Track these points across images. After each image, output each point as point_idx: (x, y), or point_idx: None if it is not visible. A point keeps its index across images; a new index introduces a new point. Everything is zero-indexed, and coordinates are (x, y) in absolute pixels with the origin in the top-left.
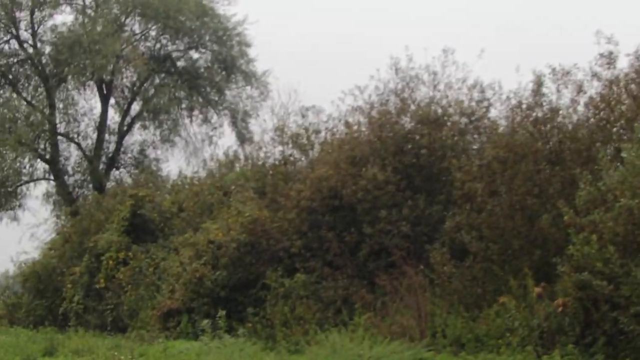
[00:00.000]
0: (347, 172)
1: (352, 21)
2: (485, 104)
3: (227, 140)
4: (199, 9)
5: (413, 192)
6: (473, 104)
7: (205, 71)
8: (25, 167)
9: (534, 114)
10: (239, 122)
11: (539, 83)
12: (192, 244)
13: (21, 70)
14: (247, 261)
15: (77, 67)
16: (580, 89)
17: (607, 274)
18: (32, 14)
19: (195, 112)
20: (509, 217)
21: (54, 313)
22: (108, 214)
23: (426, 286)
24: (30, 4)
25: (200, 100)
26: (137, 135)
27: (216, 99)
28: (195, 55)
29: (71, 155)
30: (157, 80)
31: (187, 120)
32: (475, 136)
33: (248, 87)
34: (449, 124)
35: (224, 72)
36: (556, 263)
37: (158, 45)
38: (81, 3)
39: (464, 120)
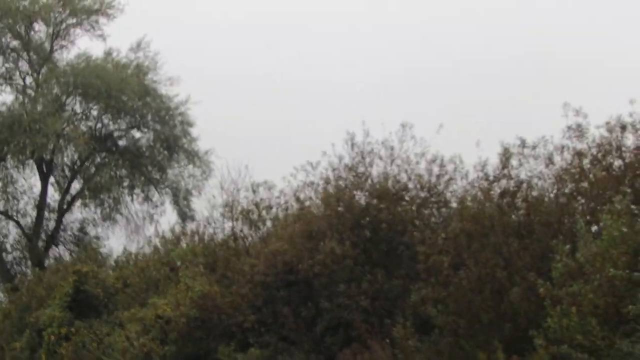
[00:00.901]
0: (303, 246)
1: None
2: (446, 177)
3: (168, 218)
4: (141, 89)
5: (371, 266)
6: (433, 178)
7: (147, 150)
8: None
9: (501, 187)
10: (181, 200)
11: (506, 155)
12: (140, 319)
13: None
14: (197, 336)
15: (17, 146)
16: (549, 162)
17: (587, 346)
18: None
19: (137, 191)
20: (477, 290)
21: None
22: (49, 290)
23: None
24: None
25: (142, 178)
26: (77, 213)
27: (158, 177)
28: (137, 134)
29: (10, 232)
30: (98, 159)
31: (128, 199)
32: (436, 210)
33: (190, 166)
34: (407, 198)
35: (166, 151)
36: (532, 336)
37: (99, 125)
38: (21, 83)
39: (423, 194)
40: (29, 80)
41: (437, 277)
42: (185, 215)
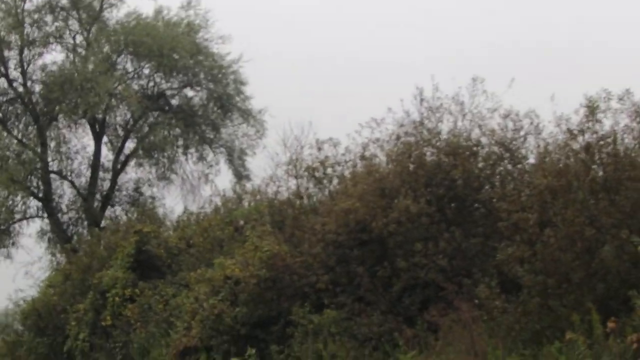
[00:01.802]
0: (376, 204)
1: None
2: (522, 132)
3: (223, 178)
4: (192, 47)
5: (447, 224)
6: (508, 133)
7: (200, 109)
8: (17, 205)
9: (584, 141)
10: (236, 159)
11: (591, 107)
12: (208, 280)
13: (11, 108)
14: (269, 297)
15: (69, 105)
16: (636, 114)
17: None
18: (21, 52)
19: (191, 150)
20: (565, 248)
21: (56, 351)
22: (110, 250)
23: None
24: (19, 42)
25: (196, 138)
26: (132, 173)
27: (212, 136)
28: (190, 93)
29: (64, 193)
30: (151, 118)
31: (182, 158)
32: (512, 166)
33: (244, 125)
34: (482, 154)
35: (219, 110)
36: (631, 296)
37: (151, 84)
38: (72, 42)
39: (498, 150)
40: (79, 39)
41: (522, 235)
42: (240, 174)
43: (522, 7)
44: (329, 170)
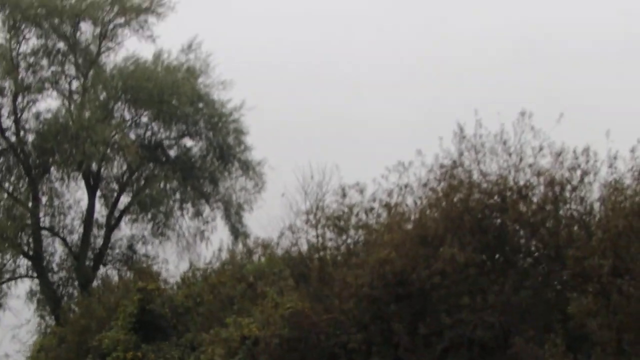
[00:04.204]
0: (417, 253)
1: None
2: (579, 171)
3: (219, 235)
4: (193, 94)
5: (497, 275)
6: (564, 172)
7: (199, 160)
8: (6, 264)
9: None
10: (233, 215)
11: None
12: (224, 341)
13: (2, 160)
14: (292, 359)
15: (63, 156)
16: None
17: None
18: (14, 99)
19: (187, 205)
20: None
21: None
22: (110, 311)
23: None
24: (13, 88)
25: (193, 192)
26: (126, 230)
27: (209, 190)
28: (188, 142)
29: (56, 251)
30: (147, 171)
31: (178, 213)
32: (572, 207)
33: (242, 178)
34: (535, 196)
35: (218, 161)
36: None
37: (149, 133)
38: (67, 87)
39: (552, 191)
40: (75, 84)
41: (594, 286)
42: (237, 231)
43: None
44: (353, 219)
